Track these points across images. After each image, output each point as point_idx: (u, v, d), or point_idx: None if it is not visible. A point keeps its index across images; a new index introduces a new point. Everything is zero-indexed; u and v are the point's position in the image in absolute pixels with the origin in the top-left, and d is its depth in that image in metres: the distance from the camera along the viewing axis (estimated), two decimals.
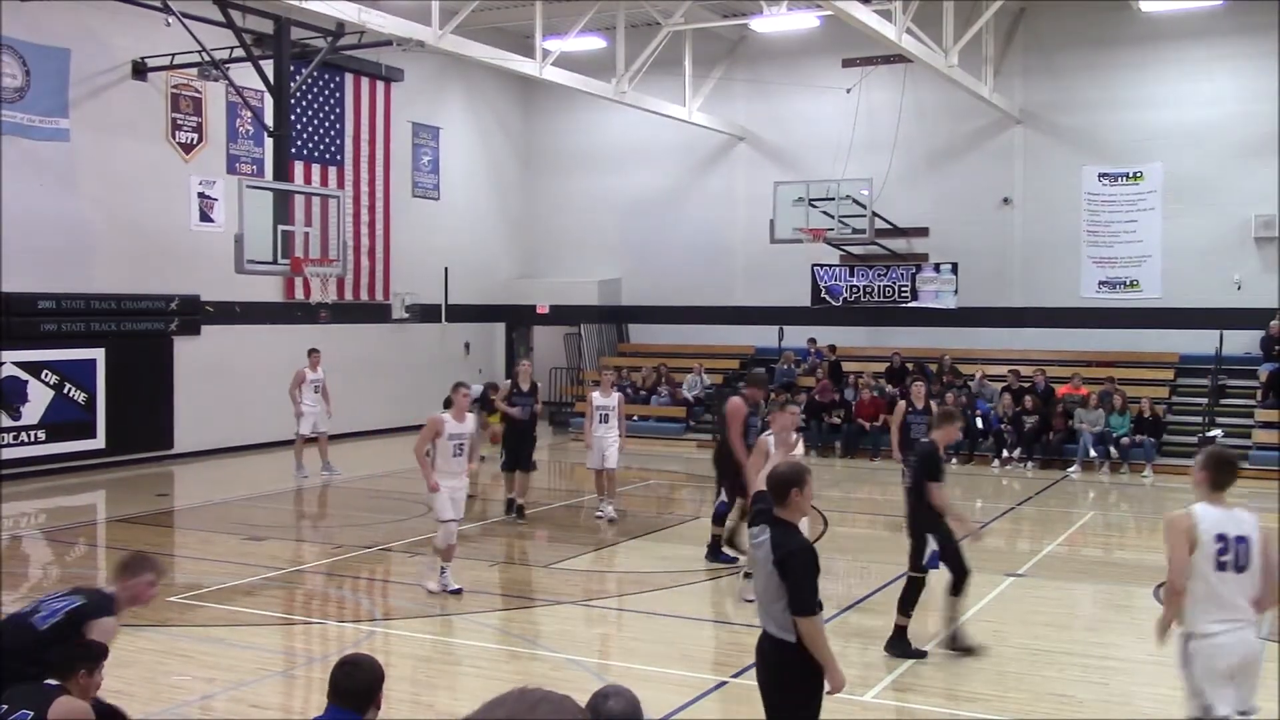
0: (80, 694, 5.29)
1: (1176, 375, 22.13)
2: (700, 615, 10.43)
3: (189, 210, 20.40)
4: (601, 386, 15.28)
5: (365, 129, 23.81)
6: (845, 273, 24.41)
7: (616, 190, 27.27)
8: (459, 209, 26.53)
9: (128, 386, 19.08)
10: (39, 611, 5.73)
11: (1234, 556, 5.60)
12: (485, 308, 27.22)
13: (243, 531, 14.07)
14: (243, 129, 21.15)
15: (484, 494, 16.58)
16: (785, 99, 25.33)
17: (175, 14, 17.33)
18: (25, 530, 14.48)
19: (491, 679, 8.67)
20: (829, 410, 21.90)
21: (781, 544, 5.37)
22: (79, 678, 5.33)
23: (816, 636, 5.30)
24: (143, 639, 9.48)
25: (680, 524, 14.80)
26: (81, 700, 5.24)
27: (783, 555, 5.32)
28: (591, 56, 23.50)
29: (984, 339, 23.60)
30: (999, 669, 8.89)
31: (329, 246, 19.31)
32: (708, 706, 8.02)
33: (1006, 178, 23.86)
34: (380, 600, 11.45)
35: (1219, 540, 5.60)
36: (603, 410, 14.91)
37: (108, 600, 5.85)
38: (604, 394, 15.06)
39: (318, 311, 22.04)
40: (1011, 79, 23.49)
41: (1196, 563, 5.61)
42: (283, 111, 18.54)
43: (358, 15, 17.03)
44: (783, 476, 5.53)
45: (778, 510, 5.52)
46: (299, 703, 8.27)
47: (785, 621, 5.34)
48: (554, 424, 25.64)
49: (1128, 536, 15.54)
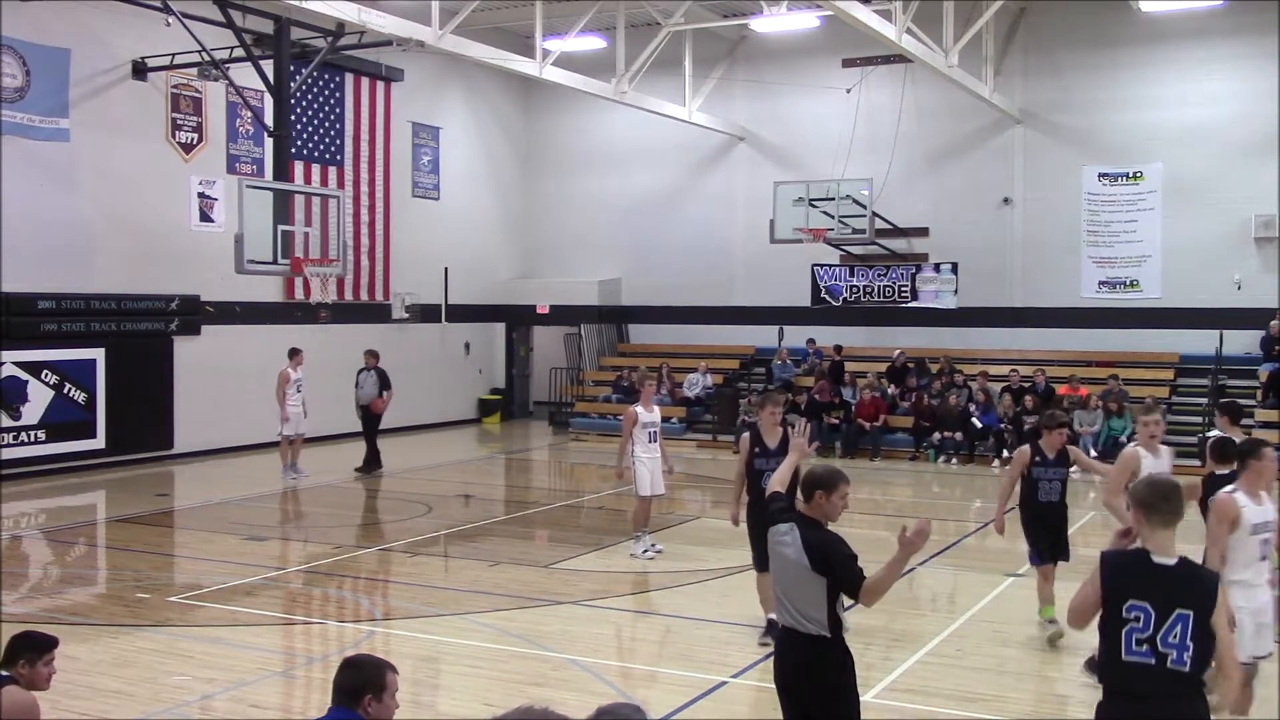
0: (27, 685, 5.29)
1: (1176, 375, 22.12)
2: (700, 615, 10.42)
3: (189, 210, 20.39)
4: (644, 399, 12.89)
5: (365, 129, 23.80)
6: (845, 273, 24.41)
7: (616, 190, 27.26)
8: (459, 209, 26.53)
9: (128, 386, 19.08)
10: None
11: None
12: (485, 308, 27.22)
13: (243, 531, 14.07)
14: (243, 129, 21.15)
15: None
16: (785, 99, 25.33)
17: (175, 14, 17.32)
18: (25, 530, 14.47)
19: (491, 679, 8.67)
20: (828, 410, 21.89)
21: (816, 543, 5.40)
22: (18, 669, 5.32)
23: (884, 575, 5.23)
24: (143, 639, 9.49)
25: (680, 524, 14.77)
26: (28, 692, 5.24)
27: (822, 555, 5.35)
28: (591, 56, 23.49)
29: (984, 339, 23.60)
30: (999, 669, 8.88)
31: (329, 246, 19.32)
32: (708, 706, 8.02)
33: (1006, 178, 23.86)
34: (380, 600, 11.44)
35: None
36: (651, 428, 12.71)
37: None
38: (648, 407, 12.81)
39: (318, 311, 22.05)
40: (1011, 79, 23.48)
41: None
42: (283, 111, 18.53)
43: (358, 15, 17.02)
44: (815, 479, 5.55)
45: (803, 508, 5.55)
46: (299, 703, 8.27)
47: (820, 617, 5.37)
48: (553, 424, 25.65)
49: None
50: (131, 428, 19.18)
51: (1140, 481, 5.15)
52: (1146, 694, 4.56)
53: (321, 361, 19.45)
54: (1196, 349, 21.90)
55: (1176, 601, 4.59)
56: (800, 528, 5.47)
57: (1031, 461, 9.62)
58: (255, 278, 18.99)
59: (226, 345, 20.68)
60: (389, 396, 18.94)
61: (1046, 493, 9.59)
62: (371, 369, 18.92)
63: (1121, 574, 4.71)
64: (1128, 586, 4.64)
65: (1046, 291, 23.44)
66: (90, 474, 18.35)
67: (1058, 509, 9.68)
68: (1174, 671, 4.55)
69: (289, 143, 19.18)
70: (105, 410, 18.84)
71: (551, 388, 27.07)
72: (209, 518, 15.15)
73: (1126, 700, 4.63)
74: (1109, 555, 4.86)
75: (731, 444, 22.08)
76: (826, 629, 5.38)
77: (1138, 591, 4.62)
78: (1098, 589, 4.73)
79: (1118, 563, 4.78)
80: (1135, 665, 4.58)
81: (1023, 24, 23.55)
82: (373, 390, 18.81)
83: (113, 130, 19.06)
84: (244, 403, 20.41)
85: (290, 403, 17.95)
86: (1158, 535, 4.74)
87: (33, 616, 9.99)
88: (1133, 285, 22.82)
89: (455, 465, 20.78)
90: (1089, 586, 4.79)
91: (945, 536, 14.32)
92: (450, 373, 26.31)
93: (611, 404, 24.33)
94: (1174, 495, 4.83)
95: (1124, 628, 4.60)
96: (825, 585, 5.36)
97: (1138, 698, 4.59)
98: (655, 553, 12.60)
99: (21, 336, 17.61)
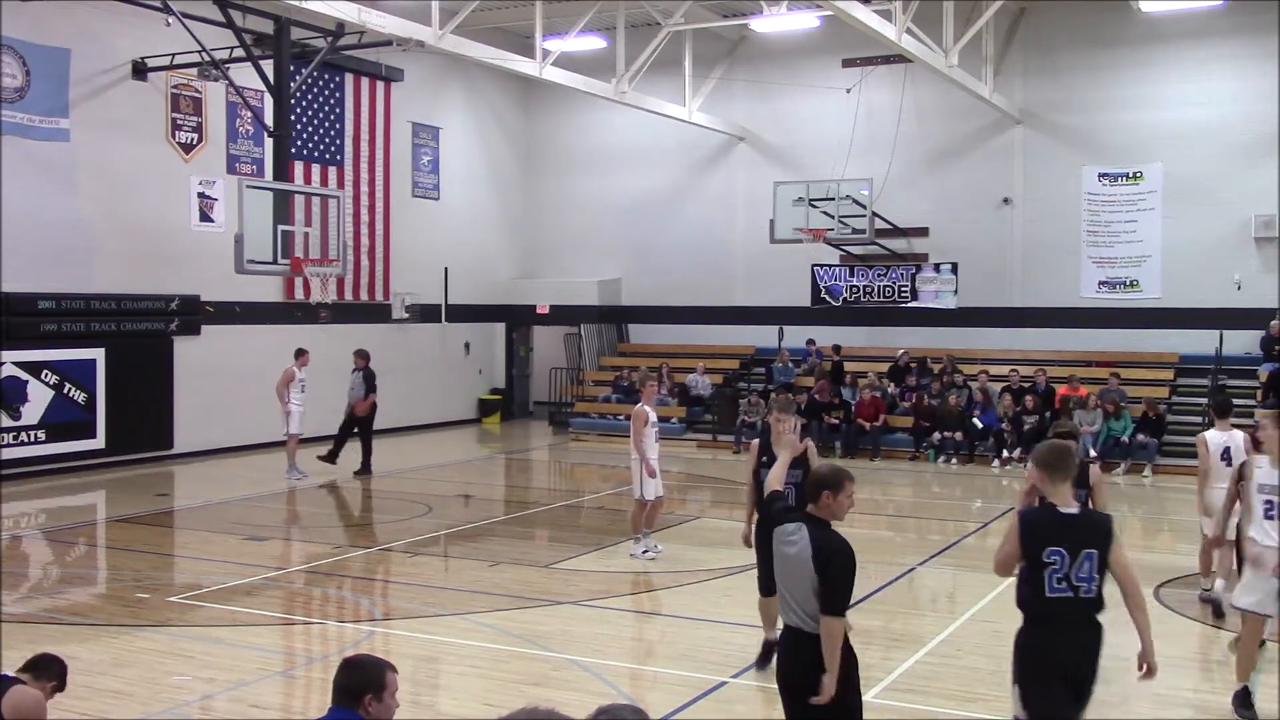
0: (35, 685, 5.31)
1: (1176, 375, 22.13)
2: (700, 615, 10.42)
3: (189, 210, 20.40)
4: (646, 398, 12.58)
5: (365, 129, 23.80)
6: (845, 273, 24.40)
7: (616, 190, 27.27)
8: (459, 209, 26.53)
9: (128, 386, 19.08)
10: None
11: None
12: (485, 308, 27.22)
13: (243, 531, 14.07)
14: (243, 129, 21.15)
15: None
16: (785, 99, 25.33)
17: (175, 14, 17.32)
18: (25, 530, 14.47)
19: (491, 679, 8.67)
20: (829, 410, 21.89)
21: (825, 544, 5.43)
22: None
23: (835, 638, 5.37)
24: (143, 639, 9.49)
25: (680, 524, 14.77)
26: (36, 691, 5.25)
27: (827, 556, 5.39)
28: (591, 56, 23.50)
29: (984, 339, 23.60)
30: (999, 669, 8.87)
31: (329, 246, 19.31)
32: (708, 706, 8.02)
33: (1006, 178, 23.86)
34: (380, 600, 11.44)
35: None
36: (656, 427, 12.60)
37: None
38: (652, 408, 12.59)
39: (318, 311, 22.04)
40: (1011, 79, 23.49)
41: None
42: (283, 111, 18.53)
43: (358, 15, 17.03)
44: (820, 478, 5.60)
45: (811, 508, 5.58)
46: (299, 703, 8.27)
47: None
48: (554, 424, 25.65)
49: (1127, 536, 15.52)
50: (131, 428, 19.18)
51: (1040, 445, 5.81)
52: (1064, 619, 5.46)
53: (322, 362, 19.43)
54: (1196, 349, 21.90)
55: (1083, 543, 5.44)
56: (809, 527, 5.51)
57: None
58: (255, 278, 18.97)
59: (226, 345, 20.68)
60: (373, 399, 18.80)
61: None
62: (360, 370, 18.84)
63: (1038, 526, 5.51)
64: (1045, 536, 5.46)
65: (1046, 291, 23.44)
66: (90, 474, 18.35)
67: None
68: (1085, 599, 5.43)
69: (289, 143, 19.18)
70: (105, 410, 18.85)
71: (551, 388, 27.07)
72: (209, 518, 15.16)
73: (1046, 625, 5.49)
74: (1025, 512, 5.67)
75: (731, 444, 22.13)
76: None
77: (1053, 539, 5.44)
78: (1018, 542, 5.50)
79: (1034, 518, 5.59)
80: (1056, 599, 5.43)
81: (1023, 24, 23.55)
82: (359, 392, 18.69)
83: (113, 130, 19.06)
84: (244, 403, 20.41)
85: (294, 401, 17.96)
86: (1060, 490, 5.55)
87: (33, 616, 10.01)
88: (1133, 285, 22.83)
89: (455, 465, 20.78)
90: (1009, 542, 5.56)
91: (945, 536, 14.33)
92: (450, 373, 26.31)
93: (611, 404, 24.33)
94: (1069, 455, 5.71)
95: (1045, 570, 5.42)
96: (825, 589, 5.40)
97: (1057, 623, 5.47)
98: (656, 553, 12.59)
99: (21, 336, 17.61)
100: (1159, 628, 10.18)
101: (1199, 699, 8.38)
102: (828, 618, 5.36)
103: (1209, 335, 21.63)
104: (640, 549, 12.51)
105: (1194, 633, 10.10)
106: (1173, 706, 8.18)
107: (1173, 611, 10.61)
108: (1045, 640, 5.50)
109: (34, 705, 5.17)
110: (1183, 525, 16.65)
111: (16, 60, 17.68)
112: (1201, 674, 9.05)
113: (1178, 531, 16.12)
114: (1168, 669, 9.12)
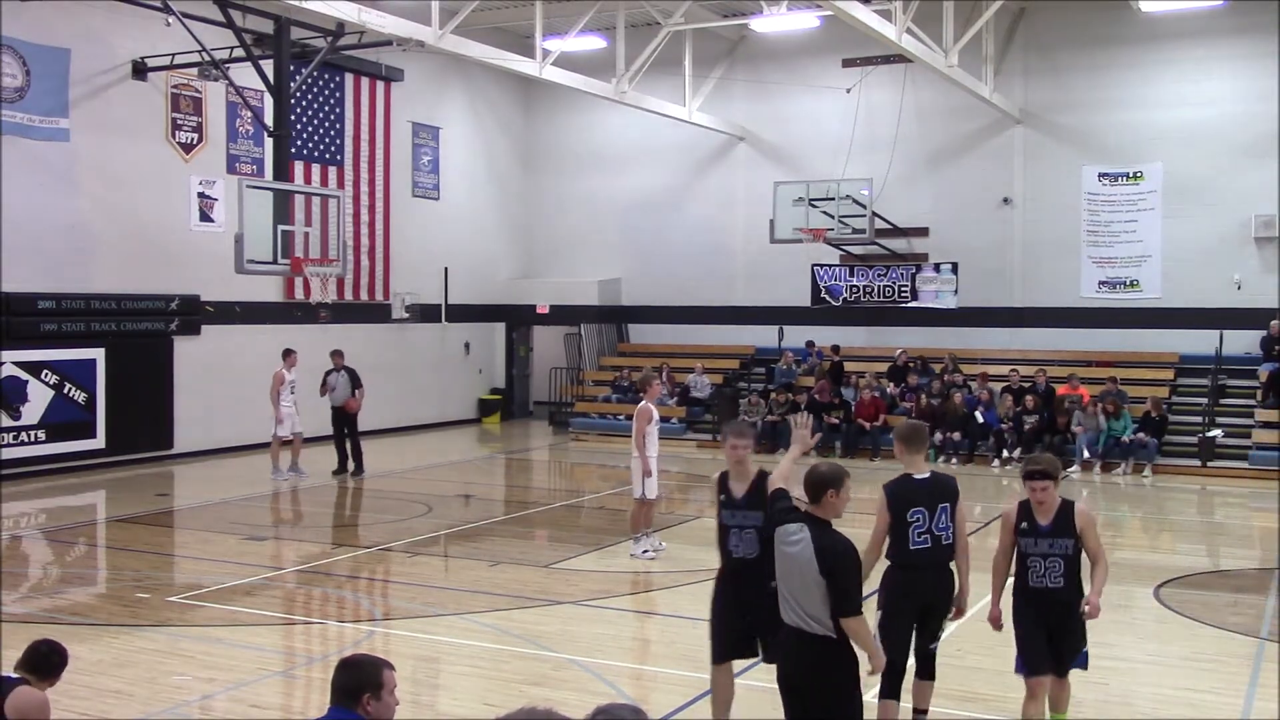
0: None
1: (1176, 375, 22.12)
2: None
3: (189, 210, 20.39)
4: (650, 397, 12.56)
5: (365, 129, 23.80)
6: (845, 273, 24.41)
7: (616, 190, 27.26)
8: (459, 209, 26.53)
9: (128, 386, 19.07)
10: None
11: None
12: (485, 308, 27.22)
13: (243, 531, 14.08)
14: (243, 129, 21.15)
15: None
16: (785, 99, 25.33)
17: (175, 14, 17.32)
18: (25, 530, 14.47)
19: (491, 679, 8.67)
20: (828, 410, 21.88)
21: (827, 547, 5.45)
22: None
23: (862, 631, 5.50)
24: (143, 639, 9.49)
25: (680, 524, 14.78)
26: (41, 692, 5.25)
27: (831, 560, 5.42)
28: (591, 56, 23.50)
29: (984, 339, 23.60)
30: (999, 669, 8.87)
31: (329, 246, 19.30)
32: (708, 707, 8.01)
33: (1006, 178, 23.86)
34: (380, 600, 11.44)
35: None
36: (659, 426, 12.58)
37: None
38: (656, 406, 12.52)
39: (318, 311, 22.04)
40: (1011, 79, 23.48)
41: None
42: (283, 111, 18.52)
43: (358, 15, 17.03)
44: (821, 477, 5.61)
45: (812, 508, 5.59)
46: (299, 703, 8.27)
47: (827, 619, 5.44)
48: (554, 424, 25.65)
49: (1127, 537, 15.51)
50: (131, 428, 19.18)
51: (900, 424, 7.24)
52: (925, 564, 6.85)
53: (321, 362, 19.41)
54: (1196, 349, 21.89)
55: (938, 500, 6.82)
56: (811, 529, 5.53)
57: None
58: (255, 278, 18.97)
59: (226, 345, 20.68)
60: (361, 395, 18.77)
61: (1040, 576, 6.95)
62: (340, 369, 18.75)
63: (901, 494, 6.84)
64: (907, 500, 6.80)
65: (1046, 291, 23.44)
66: (90, 474, 18.35)
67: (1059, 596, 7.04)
68: (945, 546, 6.87)
69: (289, 143, 19.17)
70: (105, 410, 18.84)
71: (551, 388, 27.07)
72: (209, 518, 15.15)
73: (911, 570, 6.85)
74: (888, 486, 6.90)
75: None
76: (833, 630, 5.44)
77: (913, 501, 6.78)
78: (887, 514, 6.80)
79: (895, 489, 6.88)
80: (919, 550, 6.80)
81: (1023, 24, 23.55)
82: (346, 391, 18.62)
83: (112, 130, 19.06)
84: (244, 403, 20.40)
85: (284, 403, 17.95)
86: (915, 460, 6.93)
87: (33, 616, 10.00)
88: (1133, 285, 22.82)
89: (455, 465, 20.78)
90: (880, 518, 6.84)
91: None
92: (450, 373, 26.31)
93: (611, 404, 24.33)
94: (923, 432, 7.18)
95: (909, 528, 6.78)
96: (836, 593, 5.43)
97: (919, 567, 6.85)
98: (656, 552, 12.58)
99: (21, 336, 17.61)
100: (1159, 627, 10.23)
101: (1199, 699, 8.38)
102: (848, 620, 5.42)
103: (1209, 335, 21.63)
104: (640, 549, 12.50)
105: (1194, 633, 10.09)
106: (1173, 706, 8.19)
107: (1173, 611, 10.61)
108: (906, 584, 6.83)
109: (38, 707, 5.18)
110: (1183, 525, 16.66)
111: (16, 60, 17.67)
112: (1202, 674, 9.04)
113: (1178, 532, 16.12)
114: (1168, 669, 9.15)
